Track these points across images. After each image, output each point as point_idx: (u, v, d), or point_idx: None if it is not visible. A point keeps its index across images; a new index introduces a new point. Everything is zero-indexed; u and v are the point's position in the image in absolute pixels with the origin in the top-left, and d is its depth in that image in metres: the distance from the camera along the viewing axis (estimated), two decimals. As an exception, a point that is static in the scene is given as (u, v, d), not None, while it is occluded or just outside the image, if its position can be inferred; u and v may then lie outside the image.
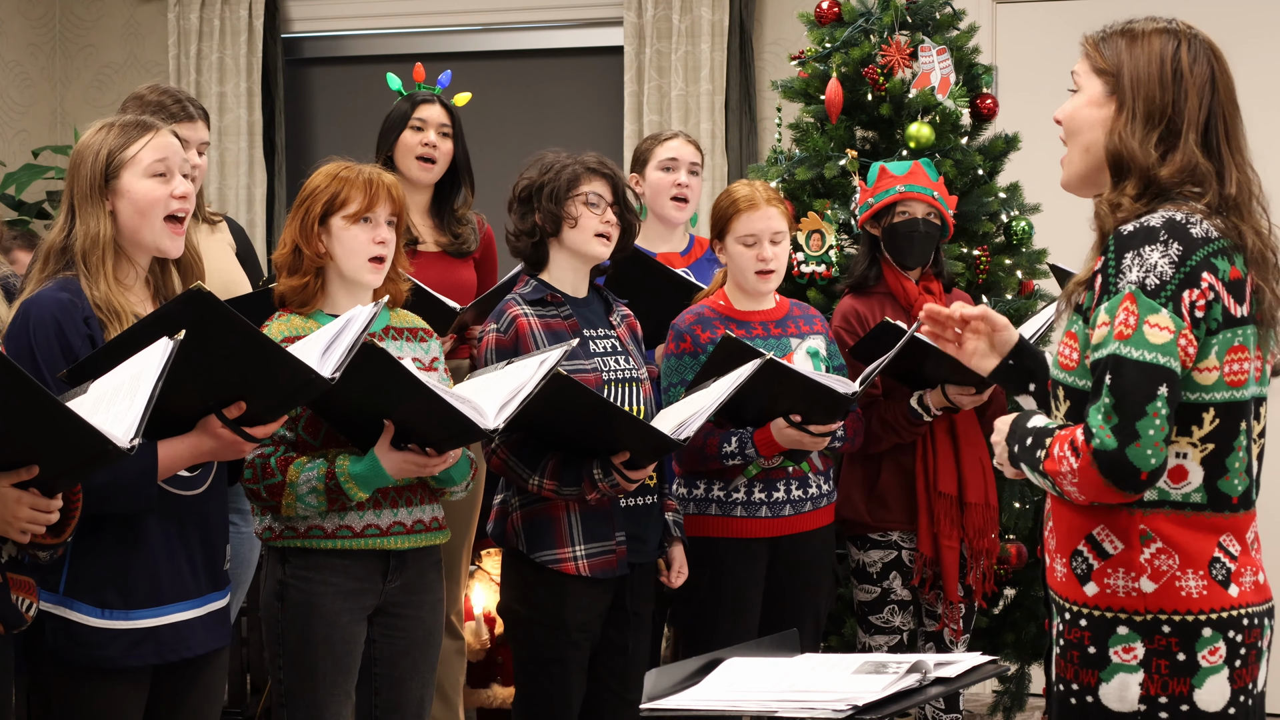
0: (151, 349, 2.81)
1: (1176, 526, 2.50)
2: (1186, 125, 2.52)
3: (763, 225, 4.12)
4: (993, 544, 4.43)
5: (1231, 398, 2.50)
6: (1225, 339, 2.48)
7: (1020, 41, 6.20)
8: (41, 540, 2.86)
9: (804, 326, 4.25)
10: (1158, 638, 2.49)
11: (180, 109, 4.26)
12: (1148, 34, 2.57)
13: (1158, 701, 2.49)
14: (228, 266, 4.40)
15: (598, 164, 3.89)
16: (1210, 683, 2.49)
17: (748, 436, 4.04)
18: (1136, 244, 2.46)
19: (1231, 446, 2.51)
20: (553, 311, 3.84)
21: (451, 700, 4.63)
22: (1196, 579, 2.50)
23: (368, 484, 3.39)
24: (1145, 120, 2.53)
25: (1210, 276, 2.46)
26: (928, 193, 4.40)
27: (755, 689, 2.61)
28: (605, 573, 3.80)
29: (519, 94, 6.94)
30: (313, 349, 3.09)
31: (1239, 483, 2.53)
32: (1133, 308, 2.43)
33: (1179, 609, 2.49)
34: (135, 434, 2.68)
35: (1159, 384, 2.41)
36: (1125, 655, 2.51)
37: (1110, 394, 2.41)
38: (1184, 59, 2.53)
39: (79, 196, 3.16)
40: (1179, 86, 2.52)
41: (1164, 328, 2.42)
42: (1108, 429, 2.40)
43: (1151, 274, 2.44)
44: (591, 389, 3.64)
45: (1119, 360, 2.42)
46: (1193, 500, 2.51)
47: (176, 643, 3.17)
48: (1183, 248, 2.45)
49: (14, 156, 7.06)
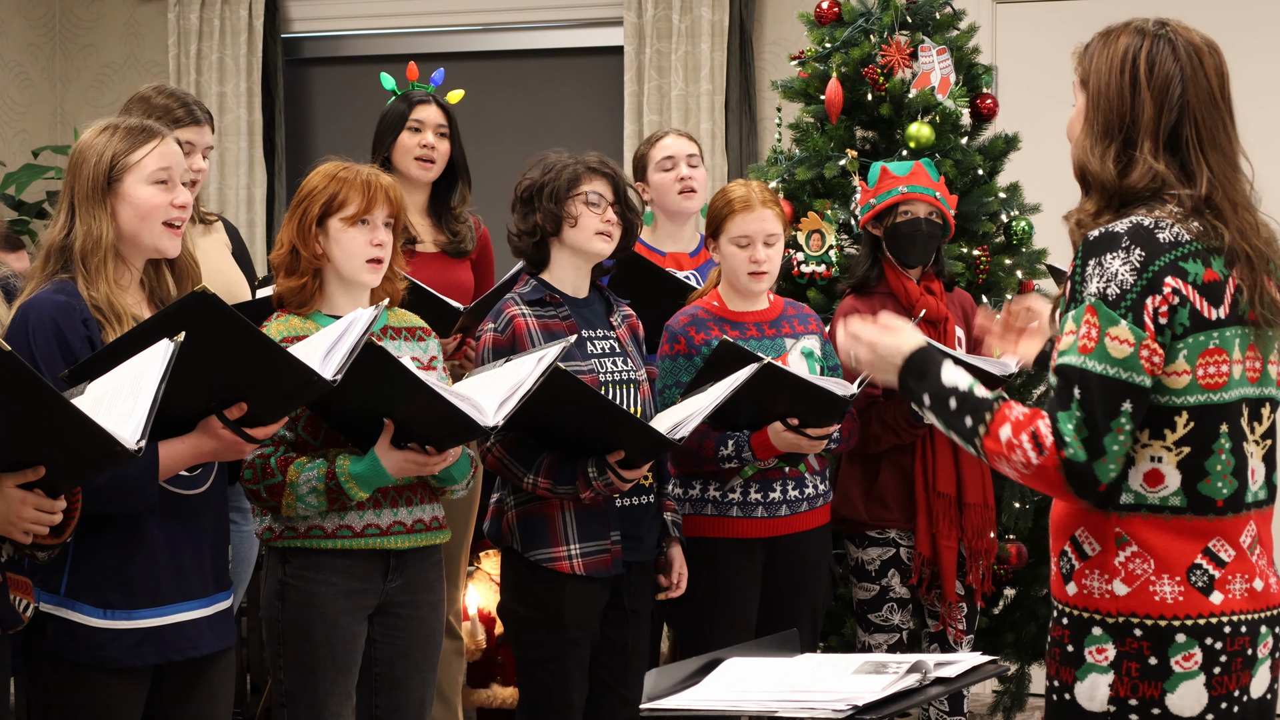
0: (152, 350, 2.81)
1: (1154, 530, 2.50)
2: (1142, 135, 2.51)
3: (757, 227, 4.12)
4: (991, 544, 4.44)
5: (1208, 400, 2.49)
6: (1196, 342, 2.47)
7: (1020, 41, 6.20)
8: (42, 541, 2.86)
9: (798, 326, 4.25)
10: (1129, 640, 2.50)
11: (186, 113, 4.24)
12: (1116, 38, 2.56)
13: (1127, 704, 2.49)
14: (224, 267, 4.40)
15: (599, 163, 3.89)
16: (1184, 688, 2.48)
17: (744, 440, 4.04)
18: (1099, 251, 2.47)
19: (1210, 450, 2.50)
20: (551, 312, 3.84)
21: (451, 700, 4.63)
22: (1172, 584, 2.49)
23: (368, 484, 3.39)
24: (1103, 134, 2.53)
25: (1176, 280, 2.45)
26: (930, 193, 4.41)
27: (755, 689, 2.61)
28: (600, 572, 3.80)
29: (519, 94, 6.94)
30: (315, 350, 3.09)
31: (1224, 486, 2.51)
32: (1094, 320, 2.44)
33: (1151, 613, 2.49)
34: (141, 435, 2.68)
35: (1123, 399, 2.42)
36: (1098, 656, 2.51)
37: (1080, 408, 2.43)
38: (1142, 63, 2.52)
39: (80, 196, 3.16)
40: (1136, 95, 2.51)
41: (1124, 340, 2.43)
42: (1079, 441, 2.42)
43: (1112, 283, 2.44)
44: (587, 384, 3.64)
45: (1084, 374, 2.43)
46: (1171, 504, 2.50)
47: (180, 642, 3.16)
48: (1145, 253, 2.45)
49: (14, 156, 7.06)
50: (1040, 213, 5.03)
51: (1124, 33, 2.56)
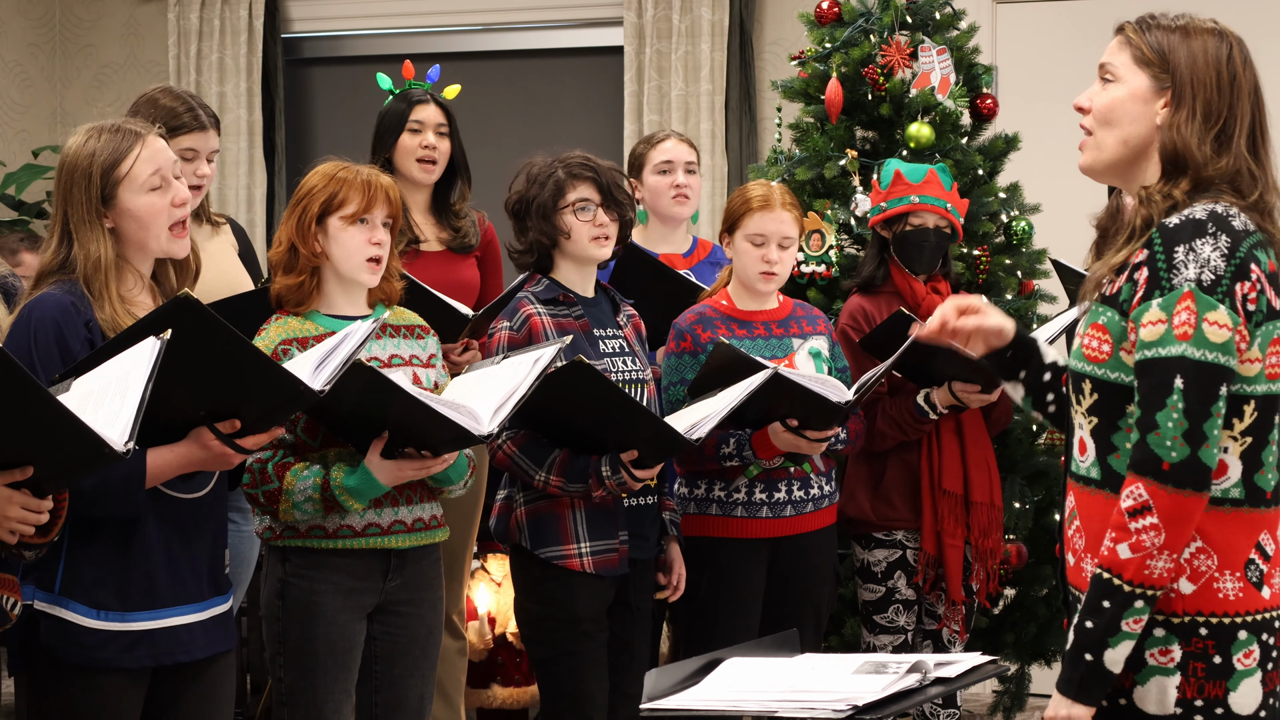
0: (138, 348, 2.79)
1: (1216, 524, 2.48)
2: (1239, 129, 2.53)
3: (774, 227, 4.11)
4: (997, 544, 4.42)
5: (1269, 390, 2.49)
6: (1268, 331, 2.48)
7: (1020, 41, 6.20)
8: (29, 540, 2.85)
9: (806, 327, 4.24)
10: (1195, 640, 2.47)
11: (193, 117, 4.20)
12: (1200, 33, 2.57)
13: (1194, 705, 2.46)
14: (231, 268, 4.40)
15: (580, 166, 3.86)
16: (1244, 685, 2.47)
17: (745, 438, 4.04)
18: (1186, 237, 2.45)
19: (1266, 440, 2.50)
20: (565, 311, 3.85)
21: (453, 700, 4.62)
22: (1234, 580, 2.48)
23: (362, 495, 3.39)
24: (1204, 120, 2.53)
25: (1257, 269, 2.46)
26: (941, 204, 4.39)
27: (755, 689, 2.60)
28: (608, 570, 3.81)
29: (519, 94, 6.94)
30: (306, 362, 3.10)
31: (1272, 477, 2.51)
32: (1192, 305, 2.42)
33: (1216, 611, 2.47)
34: (130, 436, 2.67)
35: (1221, 383, 2.42)
36: (1162, 658, 2.48)
37: (1183, 397, 2.41)
38: (1237, 62, 2.56)
39: (75, 220, 3.11)
40: (1234, 90, 2.54)
41: (1223, 325, 2.42)
42: (1180, 437, 2.40)
43: (1206, 269, 2.43)
44: (612, 381, 3.65)
45: (1186, 362, 2.41)
46: (1232, 496, 2.49)
47: (174, 646, 3.15)
48: (1230, 240, 2.45)
49: (14, 156, 7.06)
50: (1040, 213, 5.03)
51: (1204, 31, 2.58)
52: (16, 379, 2.59)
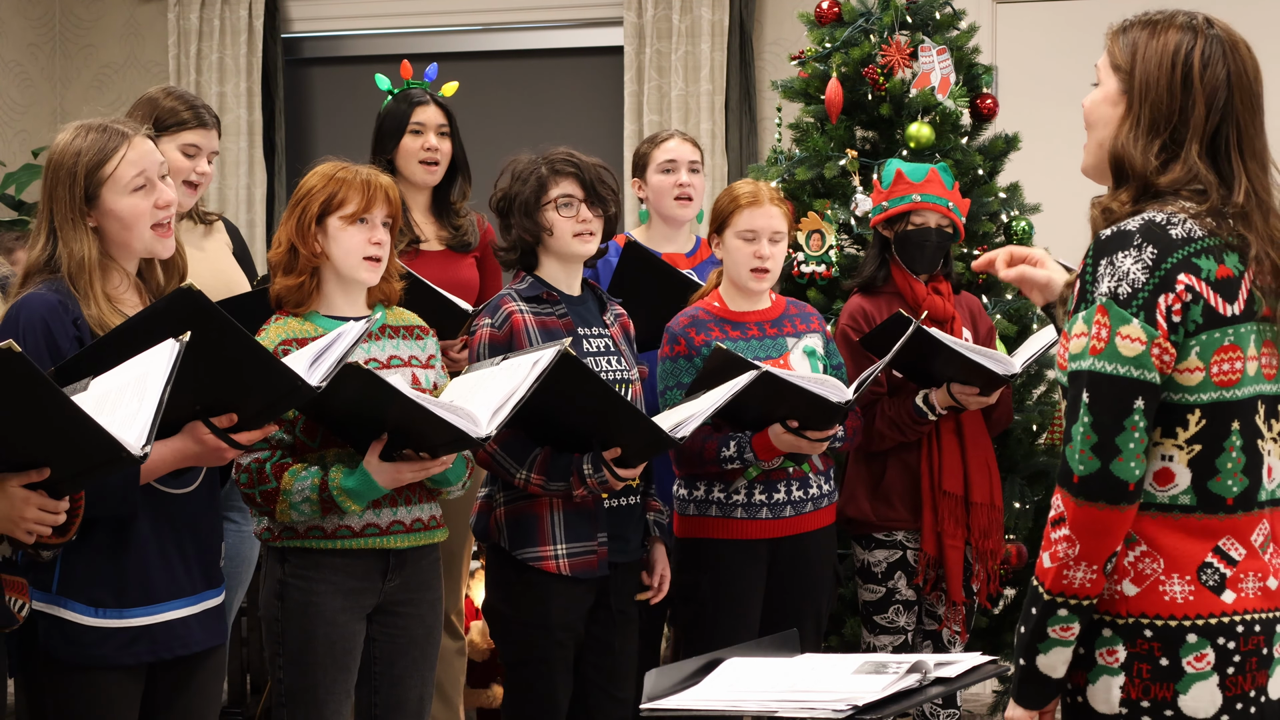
0: (157, 350, 2.79)
1: (1163, 529, 2.48)
2: (1190, 135, 2.48)
3: (764, 222, 4.11)
4: (998, 545, 4.42)
5: (1220, 398, 2.47)
6: (1210, 339, 2.45)
7: (1020, 41, 6.20)
8: (46, 540, 2.86)
9: (800, 325, 4.23)
10: (1140, 641, 2.47)
11: (194, 116, 4.21)
12: (1164, 29, 2.51)
13: (1139, 705, 2.47)
14: (226, 267, 4.40)
15: (562, 162, 3.84)
16: (1197, 689, 2.46)
17: (746, 440, 4.03)
18: (1111, 250, 2.44)
19: (1221, 447, 2.48)
20: (548, 309, 3.83)
21: (452, 700, 4.63)
22: (1182, 584, 2.47)
23: (360, 497, 3.39)
24: (1149, 128, 2.49)
25: (1190, 278, 2.43)
26: (943, 203, 4.38)
27: (755, 689, 2.60)
28: (586, 573, 3.78)
29: (519, 94, 6.95)
30: (302, 359, 3.10)
31: (1234, 484, 2.49)
32: (1105, 320, 2.42)
33: (1161, 613, 2.47)
34: (147, 440, 2.67)
35: (1134, 398, 2.41)
36: (1108, 658, 2.49)
37: (1089, 411, 2.41)
38: (1196, 61, 2.48)
39: (59, 219, 3.12)
40: (1187, 94, 2.47)
41: (1135, 339, 2.41)
42: (1088, 450, 2.41)
43: (1124, 282, 2.42)
44: (596, 373, 3.63)
45: (1094, 376, 2.42)
46: (1180, 502, 2.48)
47: (171, 640, 3.16)
48: (1158, 251, 2.42)
49: (14, 156, 7.06)
50: (1040, 213, 5.03)
51: (1173, 26, 2.51)
52: (34, 382, 2.59)
